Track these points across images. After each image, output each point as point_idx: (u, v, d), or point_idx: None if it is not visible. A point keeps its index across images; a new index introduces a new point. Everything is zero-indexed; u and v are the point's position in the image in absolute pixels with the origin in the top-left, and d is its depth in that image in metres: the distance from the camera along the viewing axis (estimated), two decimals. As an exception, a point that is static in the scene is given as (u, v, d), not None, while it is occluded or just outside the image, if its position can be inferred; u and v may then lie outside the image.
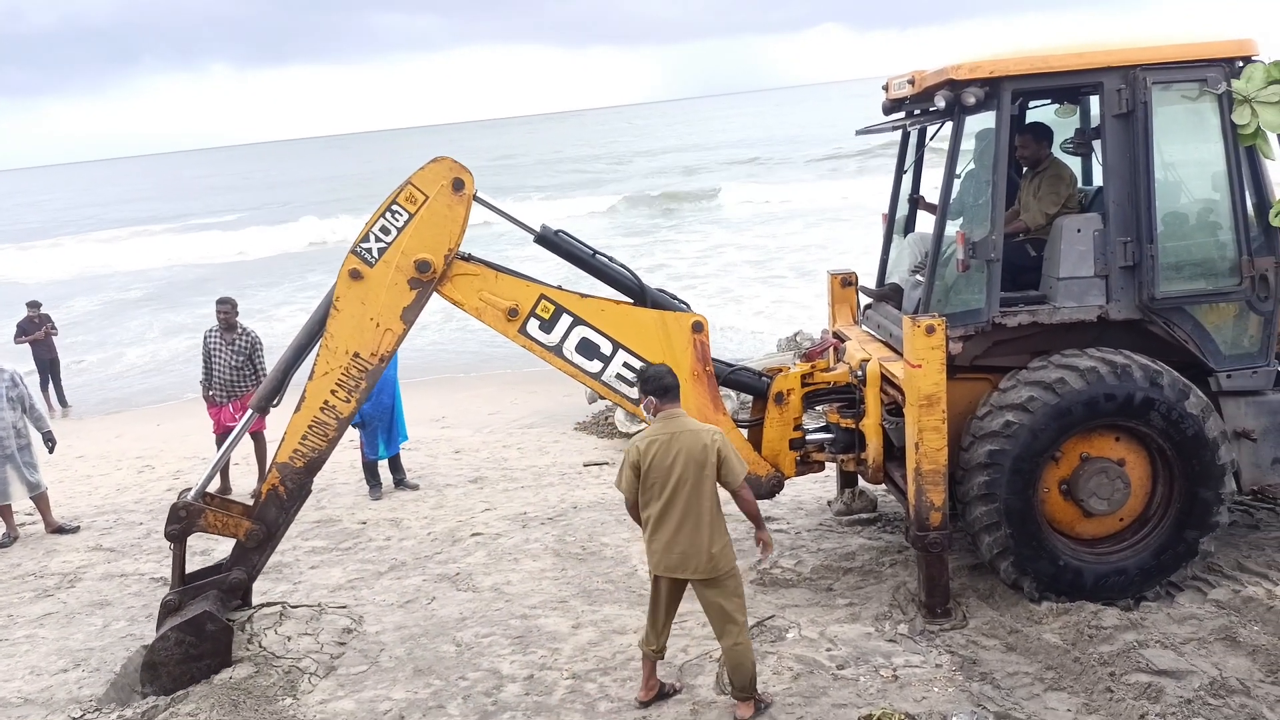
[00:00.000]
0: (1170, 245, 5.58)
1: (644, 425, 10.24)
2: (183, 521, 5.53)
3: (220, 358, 9.26)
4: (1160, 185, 5.52)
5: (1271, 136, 5.45)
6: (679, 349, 5.69)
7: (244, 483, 9.61)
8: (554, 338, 5.63)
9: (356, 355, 5.47)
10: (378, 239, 5.40)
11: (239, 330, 9.34)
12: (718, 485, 4.68)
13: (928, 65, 5.93)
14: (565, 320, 5.61)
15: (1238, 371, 5.65)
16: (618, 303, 5.78)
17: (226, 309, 9.32)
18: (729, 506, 4.81)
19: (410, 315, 5.50)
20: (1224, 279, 5.59)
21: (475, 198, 5.50)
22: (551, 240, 5.77)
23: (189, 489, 5.71)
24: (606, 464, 9.58)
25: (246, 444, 9.68)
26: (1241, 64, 5.44)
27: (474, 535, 7.78)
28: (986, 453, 5.42)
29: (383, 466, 9.28)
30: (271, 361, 8.79)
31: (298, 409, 5.55)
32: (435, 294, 5.62)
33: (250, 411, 5.90)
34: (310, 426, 5.53)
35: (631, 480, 4.71)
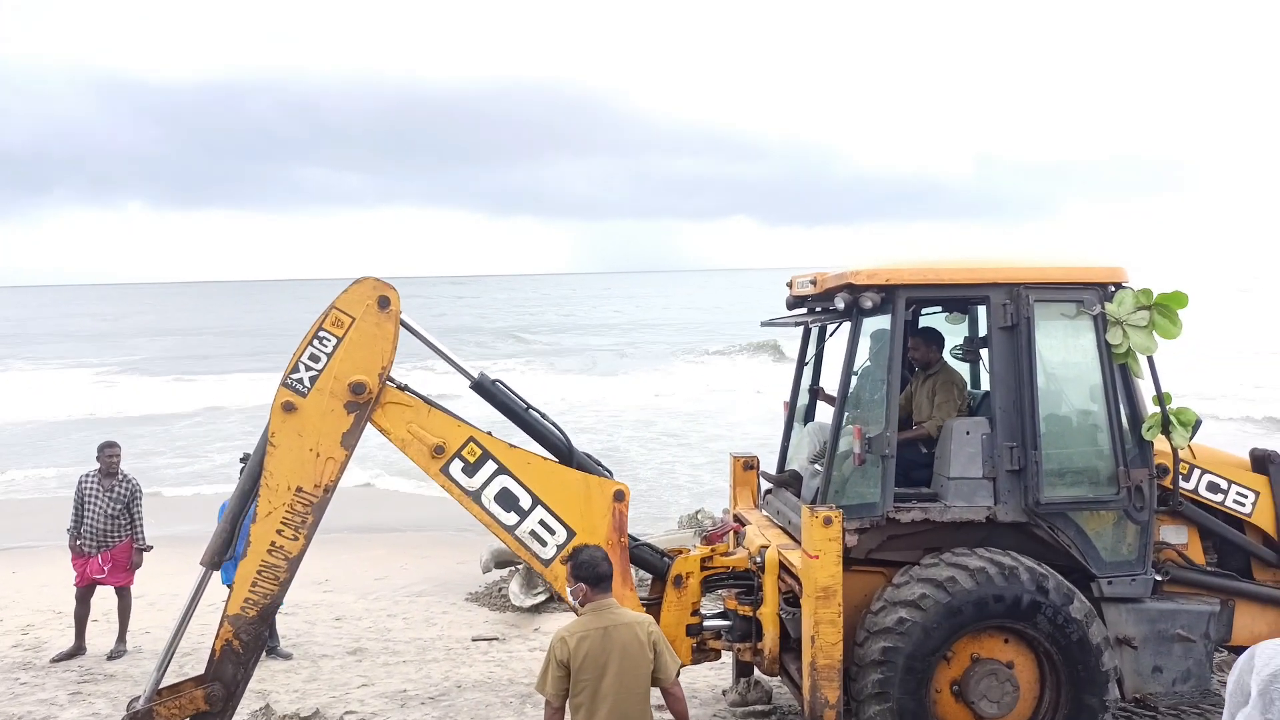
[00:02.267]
0: (1053, 452, 5.85)
1: (539, 597, 10.00)
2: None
3: (95, 504, 8.73)
4: (1043, 395, 5.84)
5: (1141, 357, 5.87)
6: (598, 514, 5.59)
7: (101, 642, 8.89)
8: (475, 483, 5.50)
9: (299, 490, 5.28)
10: (308, 368, 5.31)
11: (119, 477, 8.87)
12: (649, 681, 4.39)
13: (830, 266, 6.29)
14: (490, 467, 5.51)
15: (1118, 578, 5.83)
16: (545, 459, 5.70)
17: (112, 453, 8.88)
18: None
19: (350, 441, 5.36)
20: (1103, 487, 5.85)
21: (403, 322, 5.44)
22: (488, 389, 5.73)
23: (137, 697, 5.28)
24: (496, 639, 9.19)
25: (109, 600, 9.04)
26: (1114, 289, 5.92)
27: (347, 713, 7.28)
28: (880, 649, 5.40)
29: None
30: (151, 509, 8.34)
31: (243, 555, 5.32)
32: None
33: (204, 571, 5.48)
34: (259, 572, 5.29)
35: (560, 680, 4.27)
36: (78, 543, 8.76)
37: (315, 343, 5.33)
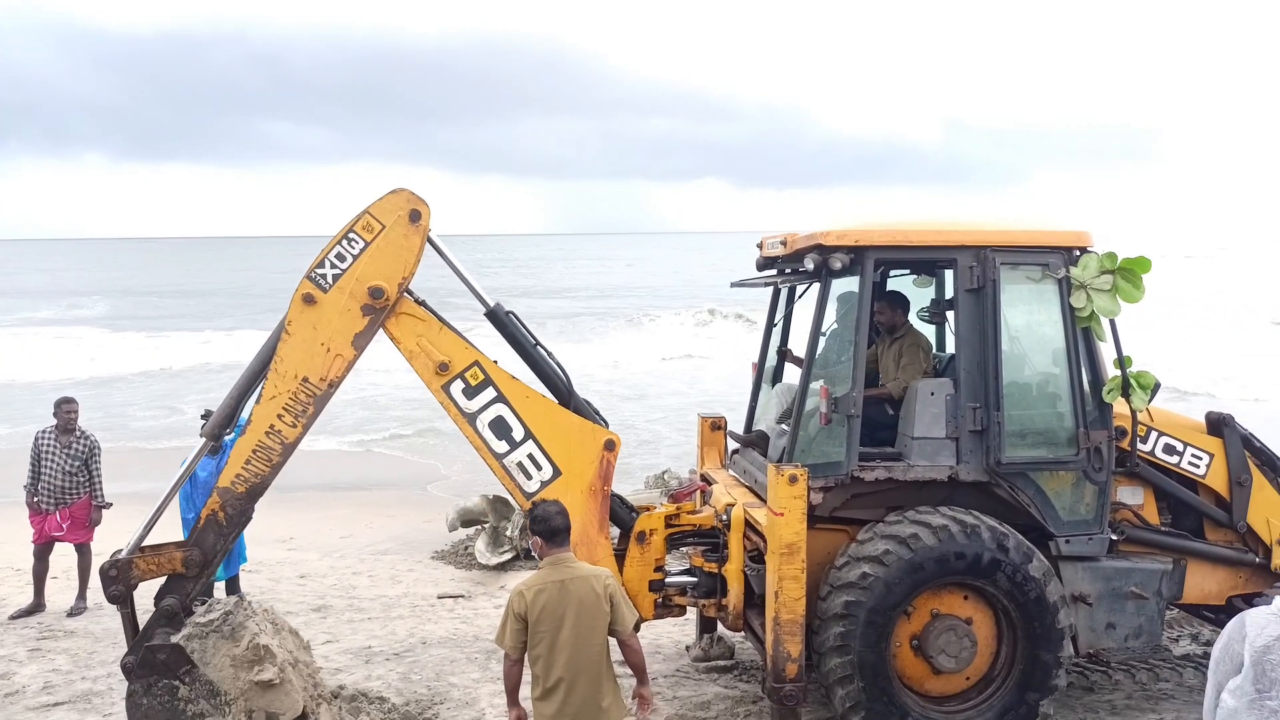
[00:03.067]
0: (1015, 413, 5.92)
1: (505, 555, 10.02)
2: (115, 580, 5.36)
3: (53, 461, 8.60)
4: (1007, 357, 5.91)
5: (1104, 320, 5.94)
6: (586, 459, 5.70)
7: (61, 599, 8.79)
8: (473, 406, 5.64)
9: (305, 380, 5.44)
10: (333, 265, 5.44)
11: (77, 433, 8.74)
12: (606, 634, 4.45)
13: (801, 227, 6.29)
14: (489, 393, 5.64)
15: (1075, 537, 5.94)
16: (544, 396, 5.83)
17: (69, 409, 8.73)
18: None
19: (361, 342, 5.50)
20: (1063, 448, 5.94)
21: (430, 240, 5.56)
22: (501, 319, 5.83)
23: (120, 549, 5.42)
24: (462, 596, 9.22)
25: (69, 557, 8.94)
26: (1079, 253, 5.97)
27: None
28: (843, 603, 5.48)
29: (219, 590, 8.68)
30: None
31: (242, 433, 5.47)
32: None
33: (202, 442, 5.69)
34: (254, 451, 5.44)
35: (518, 633, 4.36)
36: (35, 499, 8.64)
37: (344, 243, 5.45)
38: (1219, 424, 6.49)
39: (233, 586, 8.71)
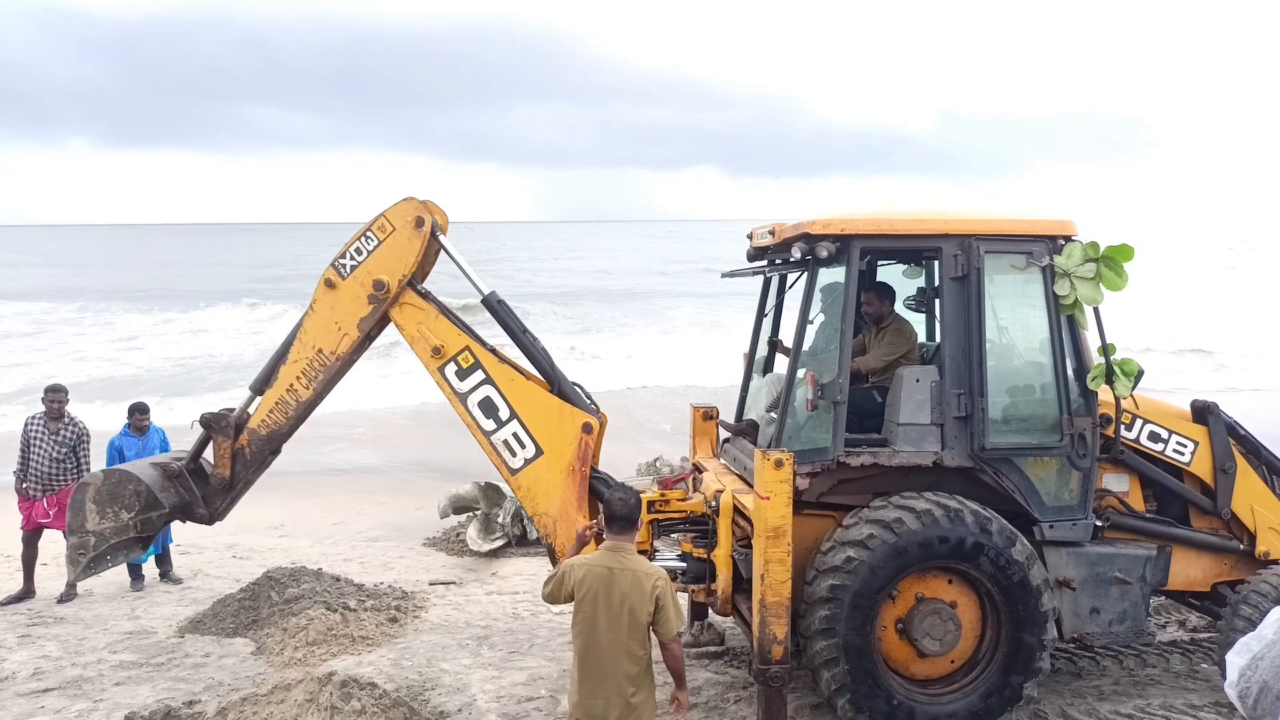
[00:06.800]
0: (999, 400, 5.98)
1: (497, 542, 10.06)
2: (212, 423, 6.36)
3: (40, 448, 8.62)
4: (991, 344, 5.96)
5: (1088, 308, 5.99)
6: (565, 440, 6.08)
7: (51, 585, 8.81)
8: (464, 386, 6.19)
9: (320, 350, 6.28)
10: (352, 258, 6.25)
11: (66, 420, 8.75)
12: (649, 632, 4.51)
13: (792, 217, 6.32)
14: (478, 375, 6.18)
15: (1059, 523, 6.00)
16: (529, 377, 6.27)
17: (58, 397, 8.74)
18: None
19: (365, 325, 6.27)
20: (1047, 435, 6.00)
21: (433, 235, 6.24)
22: (494, 306, 6.34)
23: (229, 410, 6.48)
24: (454, 583, 9.26)
25: (59, 543, 8.95)
26: (1063, 242, 6.02)
27: (303, 654, 7.31)
28: (828, 587, 5.54)
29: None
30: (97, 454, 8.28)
31: (271, 385, 6.34)
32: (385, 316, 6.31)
33: (250, 395, 6.45)
34: (276, 404, 6.33)
35: (555, 591, 4.59)
36: (24, 485, 8.66)
37: (362, 239, 6.25)
38: (1204, 411, 6.55)
39: (163, 560, 9.26)
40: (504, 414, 6.13)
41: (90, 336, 34.29)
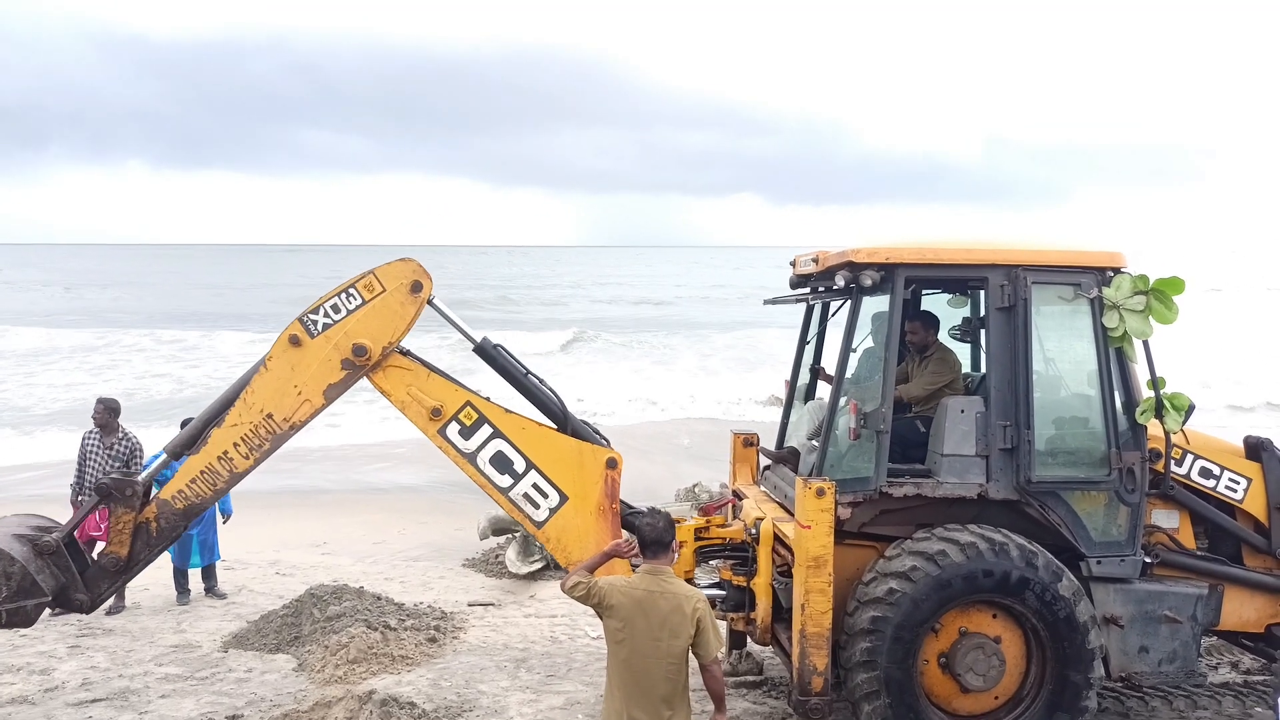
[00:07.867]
0: (1045, 432, 5.91)
1: (536, 564, 10.09)
2: (110, 490, 5.41)
3: (95, 461, 8.83)
4: (1038, 376, 5.90)
5: (1136, 341, 5.91)
6: (590, 481, 5.73)
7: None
8: (471, 445, 5.70)
9: (270, 416, 5.52)
10: (326, 314, 5.57)
11: (119, 434, 8.95)
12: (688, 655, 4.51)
13: (835, 245, 6.33)
14: (485, 430, 5.70)
15: (1107, 558, 5.90)
16: (539, 424, 5.84)
17: (101, 410, 8.95)
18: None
19: (332, 394, 5.61)
20: (1095, 469, 5.91)
21: (430, 303, 5.68)
22: (489, 353, 5.91)
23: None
24: (493, 604, 9.30)
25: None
26: (1112, 273, 5.95)
27: (343, 672, 7.38)
28: (870, 618, 5.49)
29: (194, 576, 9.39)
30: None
31: (196, 450, 5.54)
32: (367, 380, 5.74)
33: (163, 457, 5.84)
34: (202, 472, 5.51)
35: (582, 591, 4.53)
36: (79, 498, 8.86)
37: (342, 296, 5.59)
38: (1257, 448, 6.41)
39: (209, 575, 9.37)
40: (519, 466, 5.69)
41: (148, 353, 35.04)
